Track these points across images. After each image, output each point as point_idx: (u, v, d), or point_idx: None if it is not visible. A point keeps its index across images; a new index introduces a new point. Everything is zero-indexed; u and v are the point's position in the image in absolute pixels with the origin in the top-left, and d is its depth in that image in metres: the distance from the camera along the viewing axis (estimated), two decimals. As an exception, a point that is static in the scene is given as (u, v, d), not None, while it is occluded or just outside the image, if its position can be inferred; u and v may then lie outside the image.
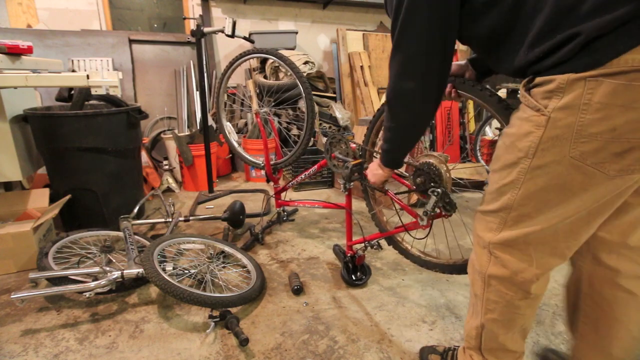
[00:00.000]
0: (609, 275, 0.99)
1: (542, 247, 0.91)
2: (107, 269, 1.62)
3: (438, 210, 1.40)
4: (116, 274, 1.60)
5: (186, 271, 1.81)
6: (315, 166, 2.10)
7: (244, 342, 1.35)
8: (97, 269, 1.63)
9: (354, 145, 1.75)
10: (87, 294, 1.54)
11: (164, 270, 1.62)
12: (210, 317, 1.48)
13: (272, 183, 2.53)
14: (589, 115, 0.73)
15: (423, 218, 1.44)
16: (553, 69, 0.77)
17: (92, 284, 1.55)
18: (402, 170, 1.68)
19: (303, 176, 2.20)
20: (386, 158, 1.24)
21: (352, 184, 1.69)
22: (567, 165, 0.79)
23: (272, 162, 2.46)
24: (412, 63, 0.97)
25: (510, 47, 0.88)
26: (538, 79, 0.81)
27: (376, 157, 1.44)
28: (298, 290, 1.75)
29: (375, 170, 1.33)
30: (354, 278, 1.84)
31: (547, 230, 0.88)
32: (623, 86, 0.69)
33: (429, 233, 1.48)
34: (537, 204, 0.87)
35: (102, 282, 1.56)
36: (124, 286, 1.75)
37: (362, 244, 1.81)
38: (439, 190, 1.35)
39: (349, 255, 1.85)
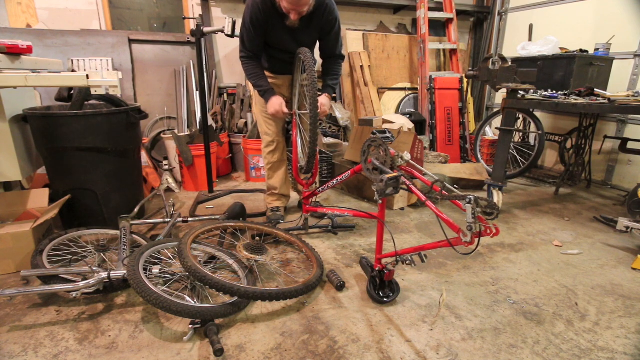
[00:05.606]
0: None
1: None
2: (95, 269, 1.62)
3: (482, 225, 1.23)
4: (103, 274, 1.59)
5: (175, 275, 1.70)
6: (349, 172, 1.98)
7: (217, 353, 1.31)
8: (86, 268, 1.63)
9: (393, 151, 1.58)
10: (74, 294, 1.55)
11: (149, 272, 1.60)
12: (192, 323, 1.46)
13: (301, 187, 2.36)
14: (257, 96, 2.36)
15: (467, 234, 1.27)
16: None
17: (81, 284, 1.55)
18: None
19: (335, 182, 2.05)
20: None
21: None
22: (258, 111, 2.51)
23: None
24: None
25: None
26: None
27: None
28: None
29: None
30: (381, 295, 1.68)
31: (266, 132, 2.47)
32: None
33: (475, 250, 1.29)
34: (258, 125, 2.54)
35: (90, 282, 1.56)
36: (113, 287, 1.70)
37: (393, 259, 1.61)
38: (470, 196, 1.22)
39: (377, 269, 1.69)
